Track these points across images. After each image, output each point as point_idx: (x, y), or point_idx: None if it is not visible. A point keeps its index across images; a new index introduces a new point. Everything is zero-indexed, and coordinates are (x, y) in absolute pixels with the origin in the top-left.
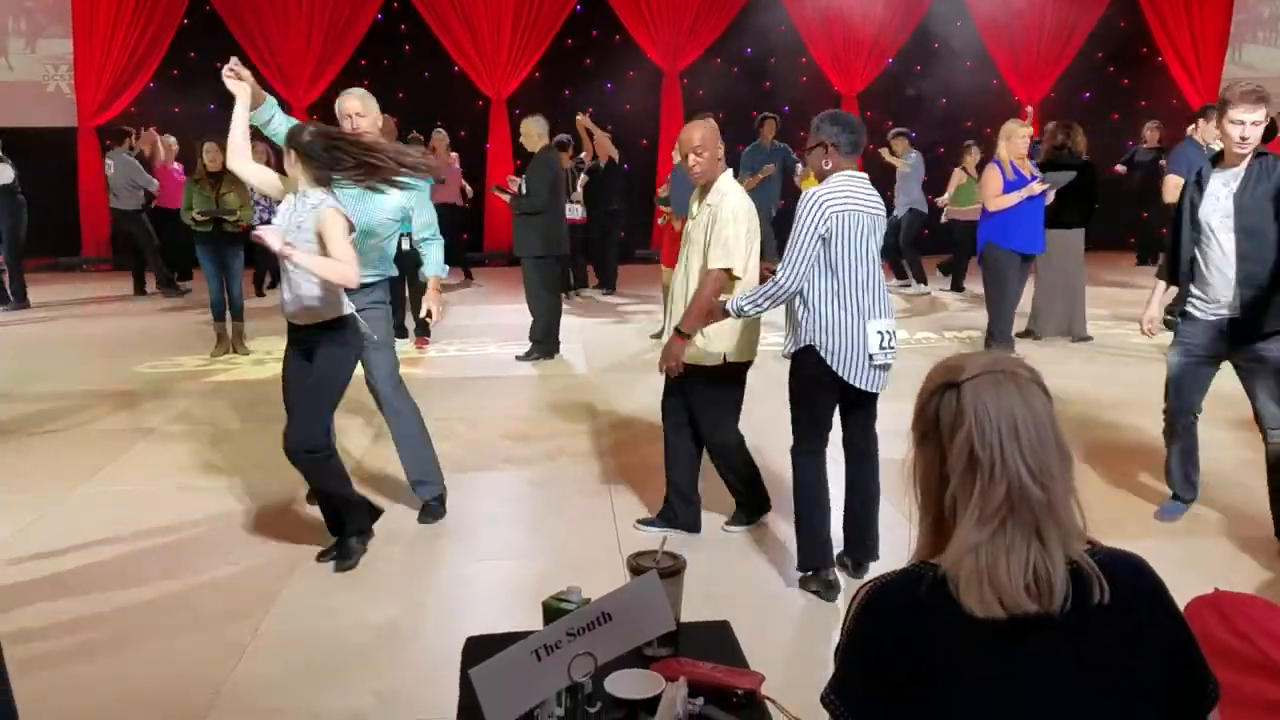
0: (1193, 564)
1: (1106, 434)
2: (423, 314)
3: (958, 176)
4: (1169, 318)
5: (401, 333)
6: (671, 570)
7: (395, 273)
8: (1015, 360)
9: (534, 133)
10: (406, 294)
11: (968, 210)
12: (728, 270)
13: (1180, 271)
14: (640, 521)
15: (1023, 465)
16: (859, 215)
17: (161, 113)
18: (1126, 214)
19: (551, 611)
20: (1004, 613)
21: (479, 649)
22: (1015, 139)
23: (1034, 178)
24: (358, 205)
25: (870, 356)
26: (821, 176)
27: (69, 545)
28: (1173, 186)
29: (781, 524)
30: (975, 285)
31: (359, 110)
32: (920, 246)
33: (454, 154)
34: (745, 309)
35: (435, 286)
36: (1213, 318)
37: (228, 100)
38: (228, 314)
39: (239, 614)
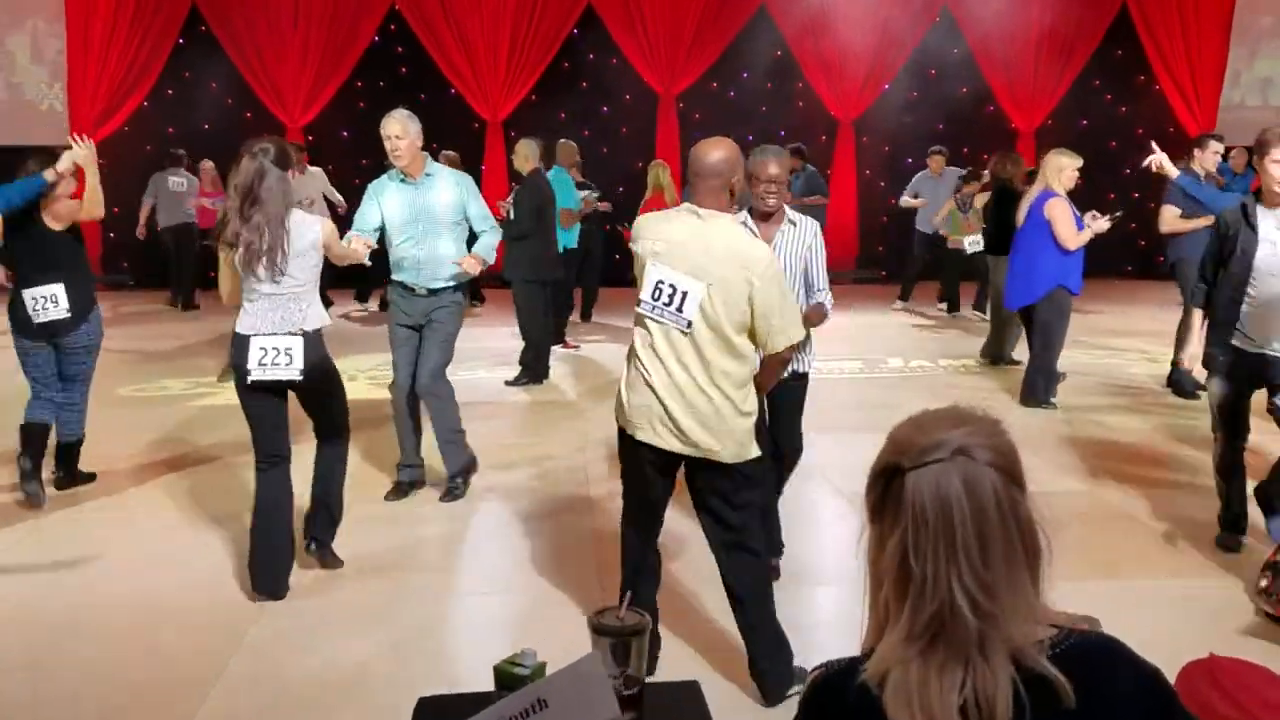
0: (1198, 606)
1: (1140, 466)
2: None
3: (949, 205)
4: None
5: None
6: (635, 629)
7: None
8: (980, 433)
9: (524, 154)
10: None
11: (957, 239)
12: None
13: (1221, 309)
14: None
15: (959, 587)
16: None
17: (156, 133)
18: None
19: (503, 676)
20: None
21: (430, 711)
22: (1068, 172)
23: (1077, 215)
24: (416, 203)
25: None
26: None
27: (32, 577)
28: (1169, 219)
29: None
30: (967, 309)
31: (398, 133)
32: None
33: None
34: None
35: (476, 259)
36: (1256, 352)
37: (222, 121)
38: None
39: (206, 651)
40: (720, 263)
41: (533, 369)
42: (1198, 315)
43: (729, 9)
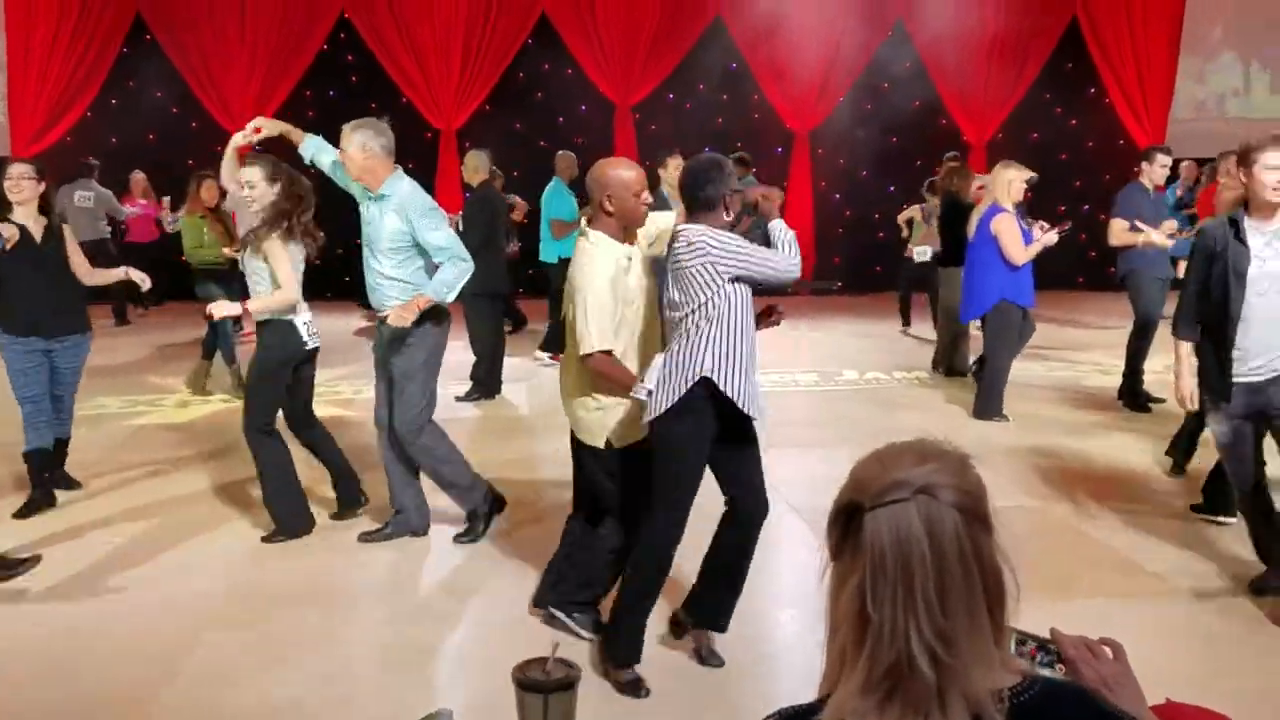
0: (1154, 625)
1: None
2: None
3: (914, 212)
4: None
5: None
6: (564, 682)
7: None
8: (945, 470)
9: (473, 166)
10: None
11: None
12: None
13: (1215, 340)
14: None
15: (917, 639)
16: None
17: (99, 143)
18: None
19: None
20: None
21: None
22: (1016, 184)
23: (1025, 229)
24: (367, 220)
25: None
26: None
27: None
28: (1118, 231)
29: None
30: (921, 324)
31: (341, 146)
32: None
33: None
34: None
35: (414, 301)
36: (1246, 380)
37: (168, 130)
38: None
39: (140, 681)
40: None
41: (484, 384)
42: (1185, 348)
43: (684, 20)
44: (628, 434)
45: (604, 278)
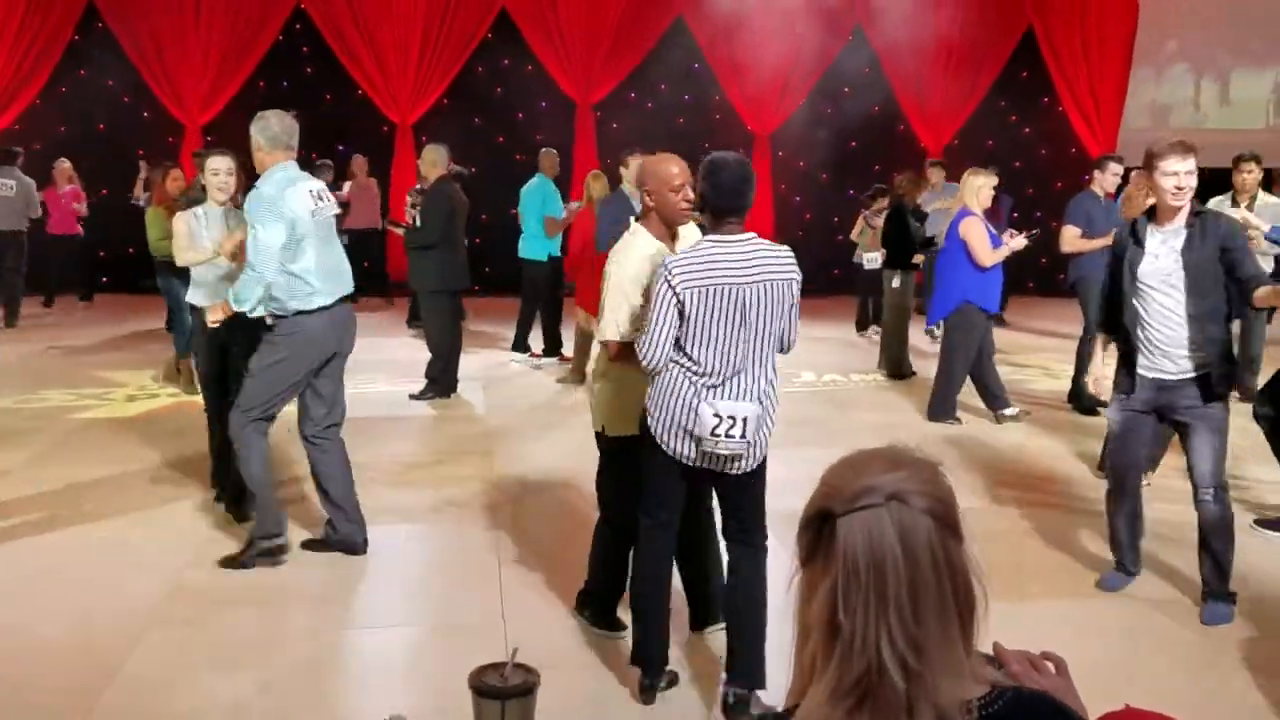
0: (1105, 628)
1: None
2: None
3: (862, 222)
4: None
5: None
6: (522, 688)
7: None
8: (916, 478)
9: (430, 160)
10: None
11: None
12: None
13: (1119, 327)
14: None
15: (888, 647)
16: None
17: (48, 131)
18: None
19: None
20: None
21: None
22: (985, 191)
23: (993, 233)
24: None
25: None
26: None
27: None
28: (1070, 238)
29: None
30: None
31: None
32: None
33: (372, 179)
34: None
35: (220, 304)
36: (1153, 375)
37: (118, 120)
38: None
39: (79, 687)
40: None
41: (439, 382)
42: (1100, 337)
43: (646, 19)
44: (620, 424)
45: (629, 272)
